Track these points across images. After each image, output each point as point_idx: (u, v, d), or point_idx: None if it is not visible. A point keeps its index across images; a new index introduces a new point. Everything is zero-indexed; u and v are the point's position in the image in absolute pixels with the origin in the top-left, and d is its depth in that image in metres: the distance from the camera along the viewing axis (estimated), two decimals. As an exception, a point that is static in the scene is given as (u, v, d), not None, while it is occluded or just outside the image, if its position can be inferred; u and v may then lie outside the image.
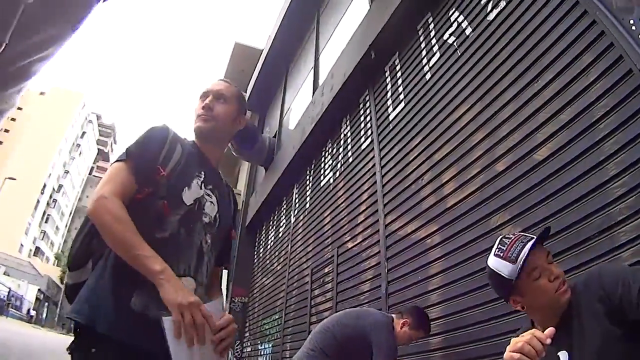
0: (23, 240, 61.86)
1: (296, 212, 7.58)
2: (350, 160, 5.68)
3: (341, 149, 6.09)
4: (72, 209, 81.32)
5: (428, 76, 4.23)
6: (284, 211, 8.44)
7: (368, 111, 5.46)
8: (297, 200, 7.75)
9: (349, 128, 6.01)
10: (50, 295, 50.54)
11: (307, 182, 7.32)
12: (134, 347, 1.22)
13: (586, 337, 1.31)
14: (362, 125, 5.58)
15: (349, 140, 5.88)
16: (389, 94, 4.98)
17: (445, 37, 4.08)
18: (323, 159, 6.79)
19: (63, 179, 74.23)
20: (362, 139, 5.46)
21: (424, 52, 4.43)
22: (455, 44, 3.89)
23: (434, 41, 4.27)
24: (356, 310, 3.49)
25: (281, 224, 8.49)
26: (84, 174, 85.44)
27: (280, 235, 8.41)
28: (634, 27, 2.10)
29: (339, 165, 6.06)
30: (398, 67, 4.91)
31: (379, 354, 2.72)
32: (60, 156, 71.24)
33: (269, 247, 9.11)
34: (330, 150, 6.57)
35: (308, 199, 7.06)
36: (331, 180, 6.23)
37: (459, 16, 3.92)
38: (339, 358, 2.80)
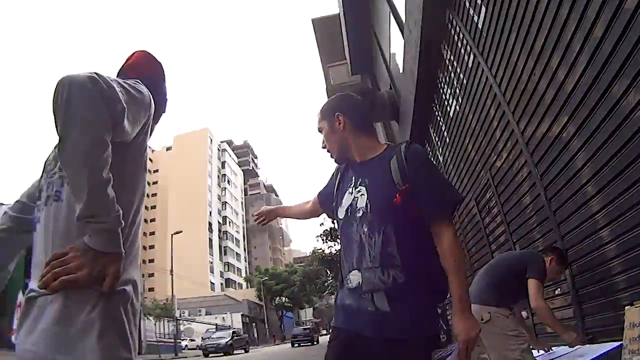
0: (211, 279, 67.47)
1: (441, 150, 7.49)
2: (464, 81, 5.45)
3: (453, 75, 5.87)
4: (244, 232, 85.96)
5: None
6: (430, 153, 8.36)
7: (458, 29, 5.17)
8: (436, 139, 7.65)
9: (449, 53, 5.76)
10: (255, 315, 53.96)
11: (438, 118, 7.17)
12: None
13: None
14: (460, 44, 5.31)
15: (455, 63, 5.64)
16: (467, 4, 4.67)
17: None
18: (441, 90, 6.60)
19: (224, 211, 79.25)
20: (466, 57, 5.21)
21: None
22: None
23: None
24: (512, 251, 4.42)
25: (432, 166, 8.41)
26: (240, 197, 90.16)
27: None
28: None
29: (457, 91, 5.85)
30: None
31: (532, 271, 3.18)
32: (212, 193, 76.14)
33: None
34: (444, 80, 6.37)
35: (445, 133, 6.93)
36: (457, 108, 6.04)
37: None
38: (502, 284, 3.25)
